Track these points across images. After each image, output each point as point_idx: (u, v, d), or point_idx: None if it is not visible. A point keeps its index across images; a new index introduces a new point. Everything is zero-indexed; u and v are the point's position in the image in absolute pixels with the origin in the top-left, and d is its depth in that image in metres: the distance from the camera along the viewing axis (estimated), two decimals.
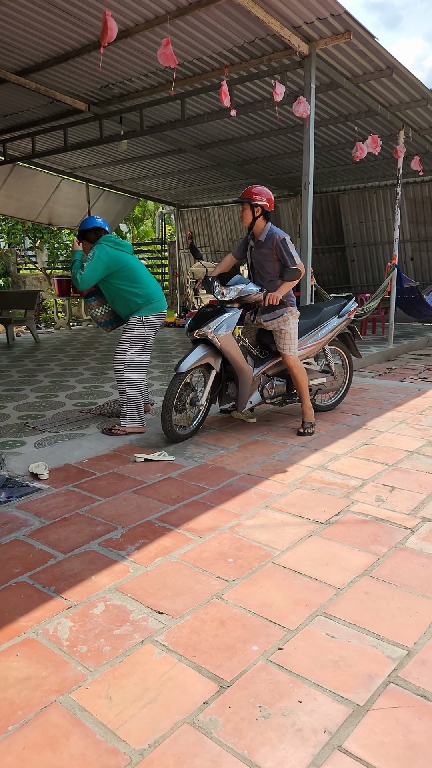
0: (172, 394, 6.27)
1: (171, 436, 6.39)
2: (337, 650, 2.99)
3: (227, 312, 6.48)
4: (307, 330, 7.14)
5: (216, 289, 6.58)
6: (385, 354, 12.99)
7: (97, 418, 7.32)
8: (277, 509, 4.71)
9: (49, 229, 24.49)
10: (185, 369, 6.27)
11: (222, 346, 6.37)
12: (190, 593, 3.50)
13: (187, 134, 14.78)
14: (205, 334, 6.35)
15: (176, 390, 6.30)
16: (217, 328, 6.34)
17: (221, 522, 4.48)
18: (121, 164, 17.95)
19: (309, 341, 7.13)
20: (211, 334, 6.33)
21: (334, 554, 3.97)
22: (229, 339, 6.40)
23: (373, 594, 3.49)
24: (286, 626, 3.18)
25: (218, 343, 6.35)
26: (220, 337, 6.33)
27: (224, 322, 6.39)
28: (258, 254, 6.75)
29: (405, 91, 11.07)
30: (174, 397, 6.28)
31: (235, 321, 6.47)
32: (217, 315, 6.45)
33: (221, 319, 6.39)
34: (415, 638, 3.08)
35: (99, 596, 3.48)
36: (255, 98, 11.89)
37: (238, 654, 2.96)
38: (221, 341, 6.35)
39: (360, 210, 20.45)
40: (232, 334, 6.44)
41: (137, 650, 3.00)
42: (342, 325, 7.45)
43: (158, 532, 4.32)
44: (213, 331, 6.33)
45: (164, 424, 6.30)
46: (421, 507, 4.74)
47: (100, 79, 11.20)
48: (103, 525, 4.44)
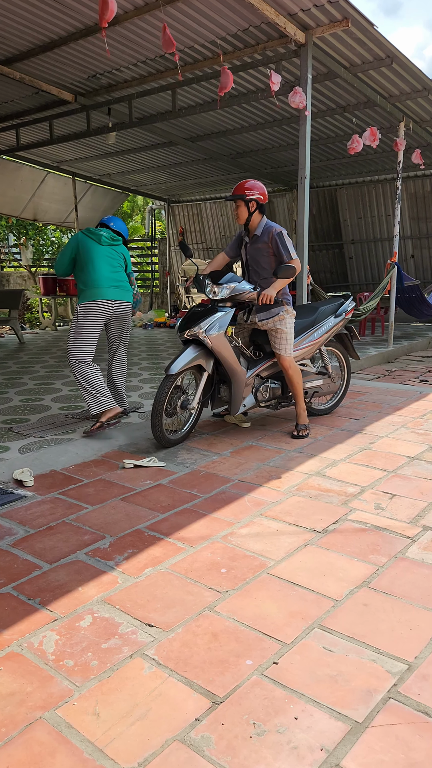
0: (162, 397, 6.26)
1: (161, 441, 6.39)
2: (334, 664, 2.99)
3: (219, 311, 6.48)
4: (302, 330, 7.15)
5: (207, 287, 6.59)
6: (385, 355, 13.01)
7: (84, 422, 7.31)
8: (272, 517, 4.71)
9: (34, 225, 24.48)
10: (176, 371, 6.26)
11: (214, 346, 6.37)
12: (182, 605, 3.50)
13: (178, 126, 14.78)
14: (196, 334, 6.35)
15: (167, 393, 6.29)
16: (209, 328, 6.34)
17: (214, 531, 4.49)
18: (110, 157, 17.93)
19: (304, 342, 7.14)
20: (202, 335, 6.32)
21: (331, 564, 3.97)
22: (221, 339, 6.40)
23: (372, 606, 3.49)
24: (282, 639, 3.18)
25: (210, 343, 6.34)
26: (211, 337, 6.33)
27: (216, 321, 6.39)
28: (253, 250, 6.77)
29: (405, 81, 11.09)
30: (164, 400, 6.28)
31: (227, 320, 6.47)
32: (208, 314, 6.45)
33: (213, 319, 6.39)
34: (416, 652, 3.08)
35: (86, 608, 3.48)
36: (249, 88, 11.89)
37: (232, 668, 2.96)
38: (213, 342, 6.35)
39: (358, 205, 20.49)
40: (224, 335, 6.43)
41: (126, 664, 3.00)
42: (339, 325, 7.47)
43: (148, 541, 4.32)
44: (204, 332, 6.32)
45: (154, 429, 6.29)
46: (423, 515, 4.75)
47: (87, 68, 11.20)
48: (90, 534, 4.44)
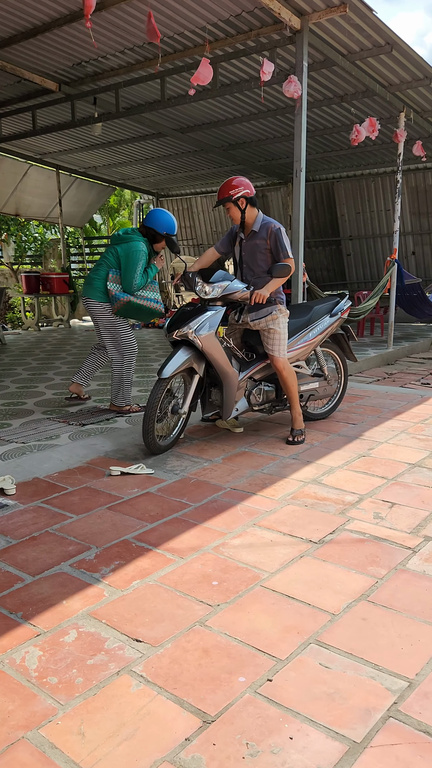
0: (155, 402, 6.26)
1: (152, 448, 6.39)
2: (331, 682, 2.99)
3: (209, 310, 6.48)
4: (296, 330, 7.15)
5: (197, 286, 6.58)
6: (384, 357, 13.04)
7: (69, 427, 7.31)
8: (265, 527, 4.72)
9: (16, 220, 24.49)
10: (169, 374, 6.27)
11: (204, 347, 6.36)
12: (171, 619, 3.50)
13: (167, 116, 14.80)
14: (186, 334, 6.34)
15: (159, 397, 6.29)
16: (199, 328, 6.34)
17: (205, 541, 4.49)
18: (95, 149, 17.96)
19: (299, 342, 7.14)
20: (192, 335, 6.32)
21: (328, 577, 3.98)
22: (211, 340, 6.40)
23: (371, 620, 3.50)
24: (276, 655, 3.18)
25: (200, 344, 6.34)
26: (201, 337, 6.33)
27: (206, 321, 6.38)
28: (250, 246, 6.77)
29: (406, 69, 11.11)
30: (157, 405, 6.28)
31: (218, 320, 6.47)
32: (198, 314, 6.44)
33: (203, 318, 6.39)
34: (417, 669, 3.09)
35: (71, 623, 3.48)
36: (242, 77, 11.92)
37: (224, 686, 2.96)
38: (203, 342, 6.34)
39: (357, 199, 20.52)
40: (215, 335, 6.44)
41: (113, 682, 2.99)
42: (335, 325, 7.48)
43: (136, 552, 4.32)
44: (194, 332, 6.32)
45: (146, 435, 6.29)
46: (424, 525, 4.76)
47: (71, 56, 11.20)
48: (75, 544, 4.44)
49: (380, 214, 20.36)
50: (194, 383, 6.58)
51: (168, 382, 6.37)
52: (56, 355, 13.36)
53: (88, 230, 31.94)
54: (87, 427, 7.33)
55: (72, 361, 12.49)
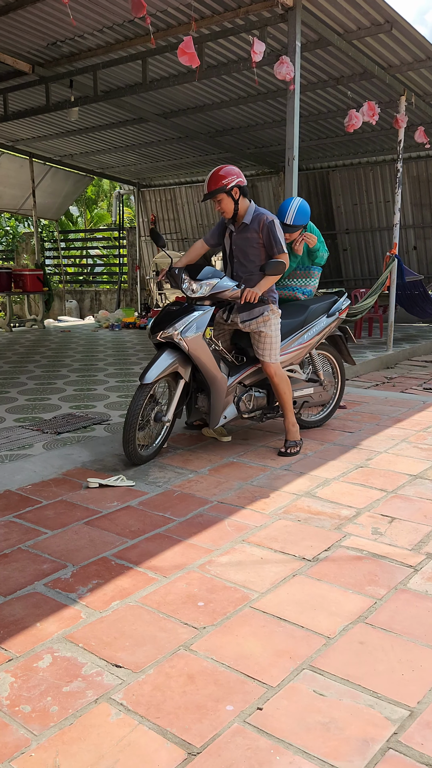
0: (137, 410, 6.25)
1: (133, 459, 6.38)
2: (326, 710, 2.99)
3: (196, 310, 6.45)
4: (290, 331, 7.14)
5: (184, 283, 6.55)
6: (384, 360, 13.07)
7: (44, 436, 7.30)
8: (255, 544, 4.72)
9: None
10: (153, 379, 6.25)
11: (191, 350, 6.34)
12: (153, 643, 3.49)
13: (149, 101, 14.81)
14: (171, 336, 6.31)
15: (142, 404, 6.28)
16: (185, 330, 6.31)
17: (190, 559, 4.49)
18: (72, 136, 17.96)
19: (293, 345, 7.14)
20: (177, 336, 6.29)
21: (323, 597, 3.99)
22: (199, 342, 6.38)
23: (370, 644, 3.50)
24: (267, 682, 3.18)
25: (186, 347, 6.31)
26: (188, 339, 6.30)
27: (193, 322, 6.35)
28: (241, 239, 6.74)
29: (406, 49, 11.15)
30: (139, 413, 6.27)
31: (206, 321, 6.44)
32: (184, 314, 6.41)
33: (189, 319, 6.36)
34: (419, 696, 3.09)
35: (45, 647, 3.47)
36: (230, 58, 11.94)
37: (210, 715, 2.96)
38: (190, 345, 6.32)
39: (354, 190, 20.56)
40: (202, 336, 6.41)
41: (90, 710, 2.99)
42: (332, 325, 7.48)
43: (115, 570, 4.32)
44: (180, 333, 6.29)
45: (126, 445, 6.29)
46: (426, 541, 4.77)
47: (46, 35, 11.20)
48: (50, 562, 4.44)
49: (379, 206, 20.39)
50: (179, 389, 6.57)
51: (151, 387, 6.35)
52: (29, 358, 13.35)
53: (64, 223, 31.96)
54: (63, 435, 7.32)
55: (47, 364, 12.48)
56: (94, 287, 27.04)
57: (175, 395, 6.58)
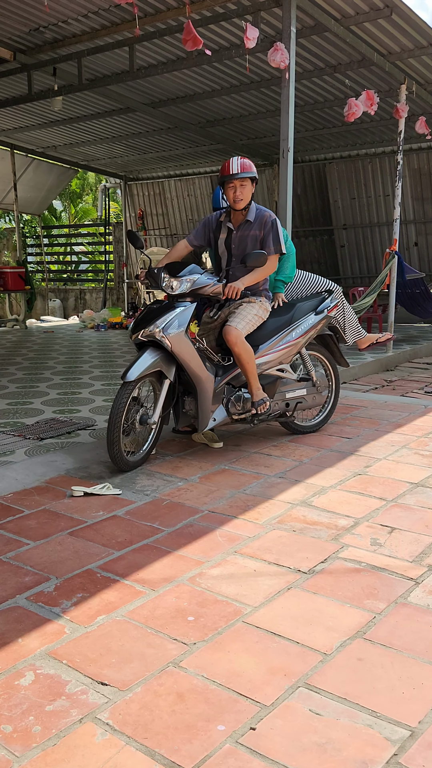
0: (120, 408, 6.25)
1: (119, 464, 6.38)
2: (323, 730, 2.99)
3: (177, 307, 6.50)
4: (277, 329, 7.13)
5: (164, 281, 6.60)
6: (383, 362, 13.08)
7: (26, 442, 7.30)
8: (248, 555, 4.72)
9: None
10: (135, 377, 6.25)
11: (174, 347, 6.37)
12: (141, 660, 3.49)
13: (136, 89, 14.81)
14: (153, 334, 6.35)
15: (125, 402, 6.29)
16: (166, 327, 6.35)
17: (179, 571, 4.49)
18: (55, 126, 17.95)
19: (281, 343, 7.13)
20: (159, 334, 6.32)
21: (319, 611, 3.99)
22: (181, 339, 6.41)
23: (368, 661, 3.50)
24: (260, 701, 3.18)
25: (168, 344, 6.35)
26: (170, 336, 6.34)
27: (174, 318, 6.40)
28: (243, 238, 6.79)
29: (407, 35, 11.17)
30: (122, 412, 6.27)
31: (187, 317, 6.49)
32: (165, 311, 6.46)
33: (171, 316, 6.41)
34: (420, 716, 3.09)
35: (27, 663, 3.47)
36: (222, 45, 11.95)
37: (201, 735, 2.96)
38: (172, 342, 6.35)
39: (352, 183, 20.60)
40: (185, 334, 6.45)
41: (75, 730, 2.99)
42: (320, 323, 7.48)
43: (101, 583, 4.32)
44: (161, 330, 6.33)
45: (111, 447, 6.28)
46: (428, 553, 4.78)
47: (28, 20, 11.19)
48: (32, 575, 4.43)
49: (378, 200, 20.44)
50: (164, 389, 6.58)
51: (134, 386, 6.36)
52: (11, 361, 13.34)
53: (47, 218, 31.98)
54: (46, 441, 7.32)
55: (29, 366, 12.48)
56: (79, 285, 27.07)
57: (160, 396, 6.58)
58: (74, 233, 32.57)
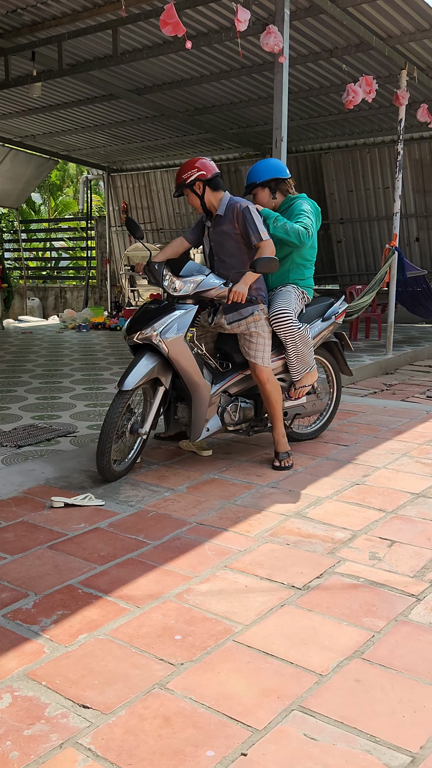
0: (114, 418, 6.24)
1: (106, 474, 6.37)
2: (318, 756, 2.99)
3: (178, 309, 6.43)
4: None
5: (166, 279, 6.56)
6: (383, 365, 13.09)
7: (2, 449, 7.28)
8: (239, 570, 4.73)
9: None
10: (133, 386, 6.23)
11: (171, 353, 6.31)
12: (125, 681, 3.49)
13: (120, 75, 14.81)
14: (149, 337, 6.28)
15: (121, 412, 6.29)
16: (165, 330, 6.28)
17: (165, 587, 4.49)
18: (34, 114, 17.93)
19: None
20: (156, 338, 6.26)
21: (314, 630, 3.99)
22: (180, 344, 6.35)
23: (367, 682, 3.51)
24: (252, 725, 3.18)
25: (166, 349, 6.28)
26: (168, 341, 6.27)
27: (174, 322, 6.33)
28: (217, 234, 6.75)
29: (408, 17, 11.18)
30: (117, 422, 6.27)
31: (188, 321, 6.43)
32: (164, 313, 6.39)
33: (170, 319, 6.34)
34: (422, 741, 3.09)
35: (4, 685, 3.46)
36: (211, 27, 11.95)
37: (189, 761, 2.95)
38: (170, 347, 6.29)
39: (349, 175, 20.62)
40: (184, 339, 6.39)
41: (55, 756, 2.98)
42: (327, 330, 7.48)
43: (82, 600, 4.32)
44: (159, 334, 6.26)
45: (101, 457, 6.26)
46: (430, 567, 4.78)
47: (5, 2, 11.17)
48: (9, 591, 4.43)
49: (377, 193, 20.46)
50: (158, 397, 6.55)
51: (131, 395, 6.35)
52: None
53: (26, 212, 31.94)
54: (24, 449, 7.32)
55: (6, 369, 12.47)
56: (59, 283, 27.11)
57: (153, 404, 6.57)
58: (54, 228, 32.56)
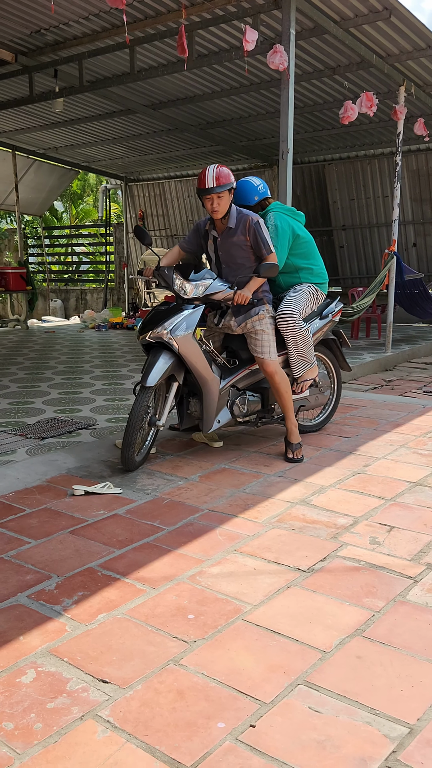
0: (141, 413, 6.25)
1: (129, 464, 6.35)
2: (322, 728, 2.98)
3: (185, 309, 6.44)
4: None
5: (175, 283, 6.54)
6: (382, 362, 13.07)
7: (27, 441, 7.29)
8: (248, 554, 4.72)
9: None
10: (155, 382, 6.24)
11: (181, 350, 6.31)
12: (141, 657, 3.49)
13: (137, 91, 14.79)
14: (161, 335, 6.29)
15: (146, 406, 6.30)
16: (174, 328, 6.28)
17: (179, 569, 4.49)
18: (56, 128, 17.94)
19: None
20: (167, 336, 6.26)
21: (318, 609, 3.98)
22: (189, 341, 6.36)
23: (367, 658, 3.50)
24: (260, 698, 3.17)
25: (176, 346, 6.28)
26: (178, 338, 6.27)
27: (182, 320, 6.34)
28: (228, 245, 6.70)
29: (406, 37, 11.17)
30: (143, 416, 6.28)
31: (195, 319, 6.43)
32: (173, 313, 6.40)
33: (179, 318, 6.35)
34: (419, 713, 3.08)
35: (28, 661, 3.46)
36: (221, 47, 11.94)
37: (201, 732, 2.95)
38: (180, 344, 6.29)
39: (350, 184, 20.58)
40: (192, 336, 6.40)
41: (76, 728, 2.98)
42: (325, 328, 7.47)
43: (102, 581, 4.31)
44: (169, 332, 6.26)
45: (127, 449, 6.25)
46: (426, 551, 4.77)
47: (30, 23, 11.18)
48: (33, 573, 4.43)
49: (377, 201, 20.41)
50: (172, 392, 6.55)
51: (153, 390, 6.34)
52: (12, 360, 13.33)
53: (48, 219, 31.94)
54: (47, 440, 7.32)
55: (30, 366, 12.47)
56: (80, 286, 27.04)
57: (168, 398, 6.56)
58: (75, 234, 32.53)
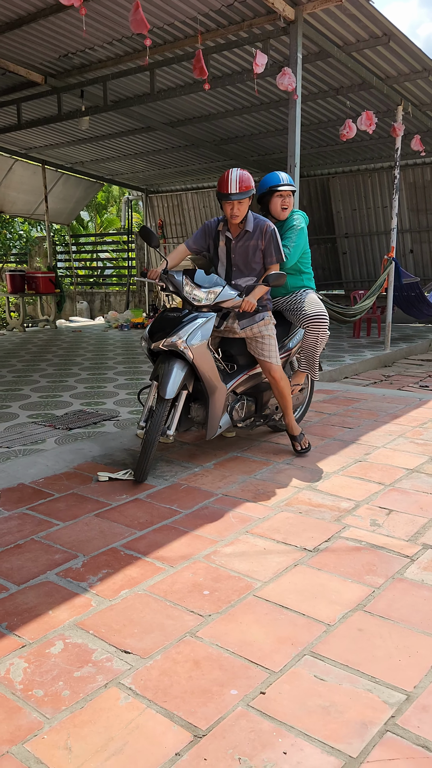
0: (160, 425, 5.82)
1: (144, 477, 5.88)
2: (326, 694, 2.99)
3: (200, 317, 6.00)
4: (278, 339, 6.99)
5: (184, 289, 6.15)
6: (382, 359, 13.06)
7: (56, 431, 7.29)
8: (258, 535, 4.72)
9: (1, 217, 24.43)
10: (174, 393, 5.81)
11: (196, 360, 5.87)
12: (161, 630, 3.50)
13: (156, 110, 14.81)
14: (175, 344, 5.81)
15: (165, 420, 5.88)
16: (190, 338, 5.82)
17: (195, 549, 4.49)
18: (82, 144, 17.97)
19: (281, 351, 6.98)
20: (182, 345, 5.78)
21: (323, 586, 3.98)
22: (204, 351, 5.92)
23: (368, 631, 3.50)
24: (269, 667, 3.18)
25: (191, 356, 5.82)
26: (194, 348, 5.81)
27: (197, 330, 5.89)
28: (243, 248, 6.38)
29: (404, 61, 11.17)
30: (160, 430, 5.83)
31: (210, 328, 6.00)
32: (187, 321, 5.99)
33: (194, 326, 5.89)
34: (416, 681, 3.09)
35: (57, 633, 3.48)
36: (234, 69, 11.94)
37: (215, 699, 2.96)
38: (195, 354, 5.83)
39: (353, 196, 20.56)
40: (207, 345, 5.97)
41: (100, 694, 2.99)
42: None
43: (124, 560, 4.32)
44: (185, 341, 5.78)
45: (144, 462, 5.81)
46: (422, 532, 4.76)
47: (58, 47, 11.20)
48: (61, 553, 4.43)
49: (377, 211, 20.39)
50: (182, 400, 6.06)
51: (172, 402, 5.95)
52: (42, 357, 13.34)
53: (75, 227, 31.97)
54: (74, 431, 7.32)
55: (58, 363, 12.48)
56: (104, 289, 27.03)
57: (177, 407, 6.05)
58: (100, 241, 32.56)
